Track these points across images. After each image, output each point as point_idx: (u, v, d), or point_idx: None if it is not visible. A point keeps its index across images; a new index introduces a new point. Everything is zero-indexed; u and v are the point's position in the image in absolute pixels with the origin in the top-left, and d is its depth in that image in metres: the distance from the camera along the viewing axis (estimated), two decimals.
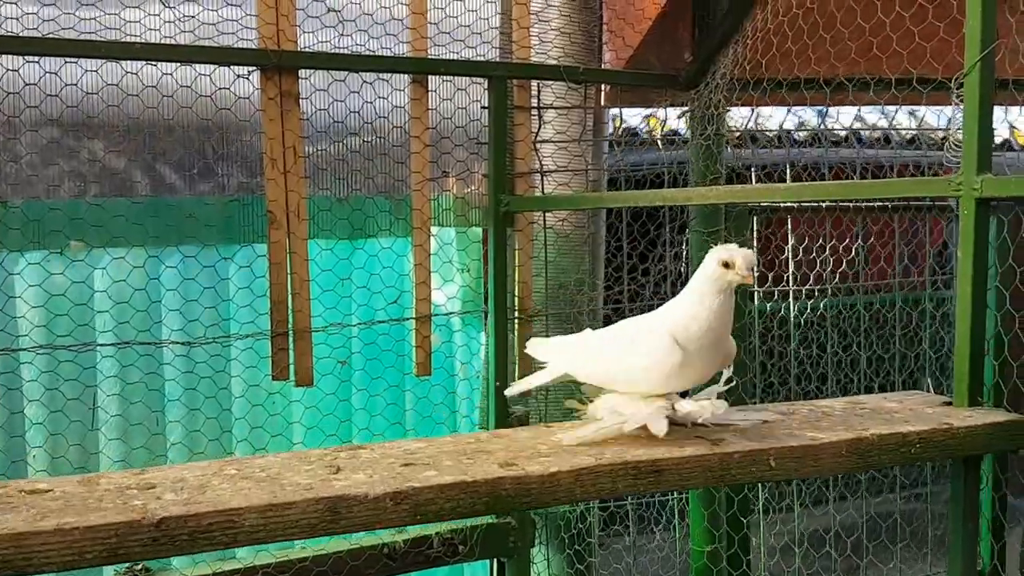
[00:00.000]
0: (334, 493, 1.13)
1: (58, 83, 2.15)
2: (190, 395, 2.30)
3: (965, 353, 1.46)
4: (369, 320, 2.46)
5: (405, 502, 1.15)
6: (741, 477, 1.26)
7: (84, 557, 1.07)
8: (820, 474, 1.33)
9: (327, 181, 2.43)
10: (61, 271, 2.20)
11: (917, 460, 1.36)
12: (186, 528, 1.08)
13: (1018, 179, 1.43)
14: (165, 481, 1.21)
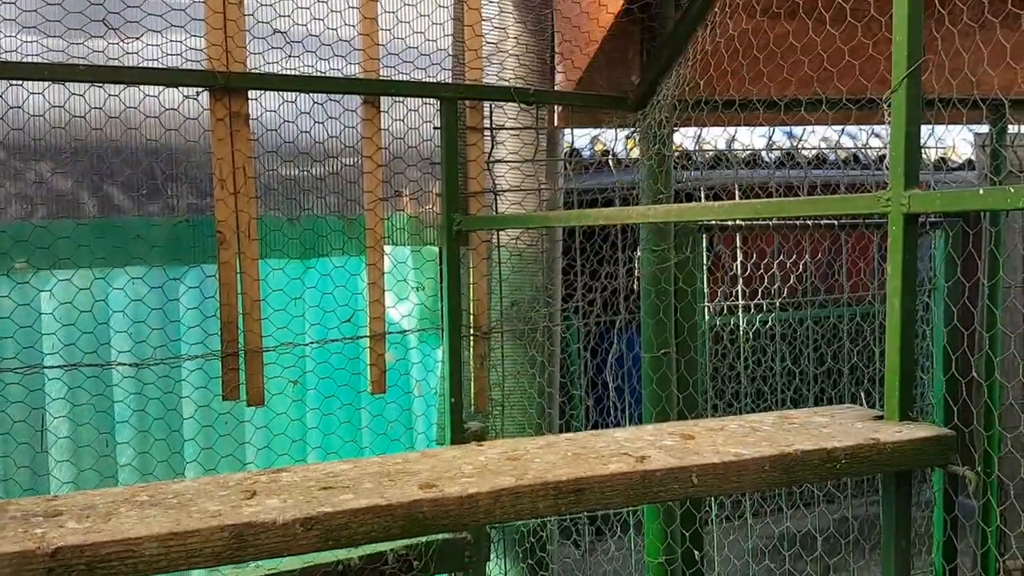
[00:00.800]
0: (241, 520, 1.06)
1: (2, 105, 2.08)
2: (140, 416, 2.23)
3: (896, 367, 1.41)
4: (322, 339, 2.39)
5: (316, 527, 1.08)
6: (663, 495, 1.20)
7: None
8: (743, 490, 1.27)
9: (278, 201, 2.37)
10: (7, 293, 2.12)
11: (843, 475, 1.31)
12: (83, 558, 1.01)
13: (944, 194, 1.38)
14: (74, 508, 1.14)
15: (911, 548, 1.41)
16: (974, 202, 1.27)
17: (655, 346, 2.51)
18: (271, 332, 2.27)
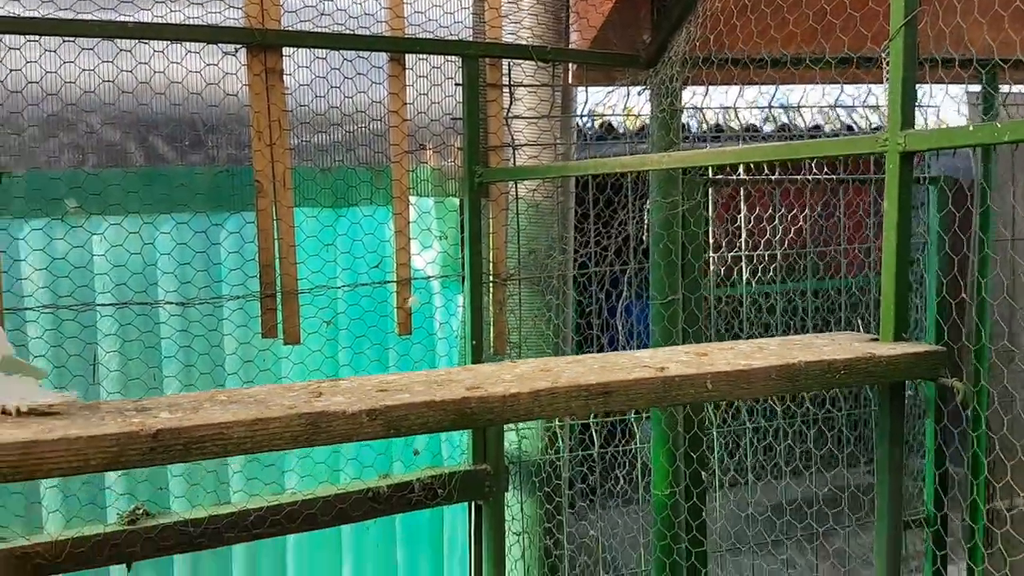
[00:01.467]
0: (315, 410, 1.20)
1: (57, 60, 2.19)
2: (186, 352, 2.36)
3: (891, 294, 1.54)
4: (353, 283, 2.52)
5: (379, 417, 1.22)
6: (681, 397, 1.34)
7: (89, 464, 1.14)
8: (752, 395, 1.41)
9: (311, 153, 2.49)
10: (62, 236, 2.25)
11: (842, 384, 1.44)
12: (181, 439, 1.15)
13: (938, 132, 1.51)
14: (162, 405, 1.28)
15: (904, 456, 1.56)
16: (964, 138, 1.40)
17: (665, 291, 2.64)
18: (305, 275, 2.40)
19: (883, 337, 1.56)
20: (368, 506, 2.44)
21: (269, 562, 2.50)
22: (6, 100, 2.19)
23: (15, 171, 2.22)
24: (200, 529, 2.27)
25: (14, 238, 2.21)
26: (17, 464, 1.12)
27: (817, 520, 3.10)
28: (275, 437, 1.18)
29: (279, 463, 2.47)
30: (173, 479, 2.37)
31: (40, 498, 2.27)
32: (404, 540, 2.65)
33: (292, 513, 2.34)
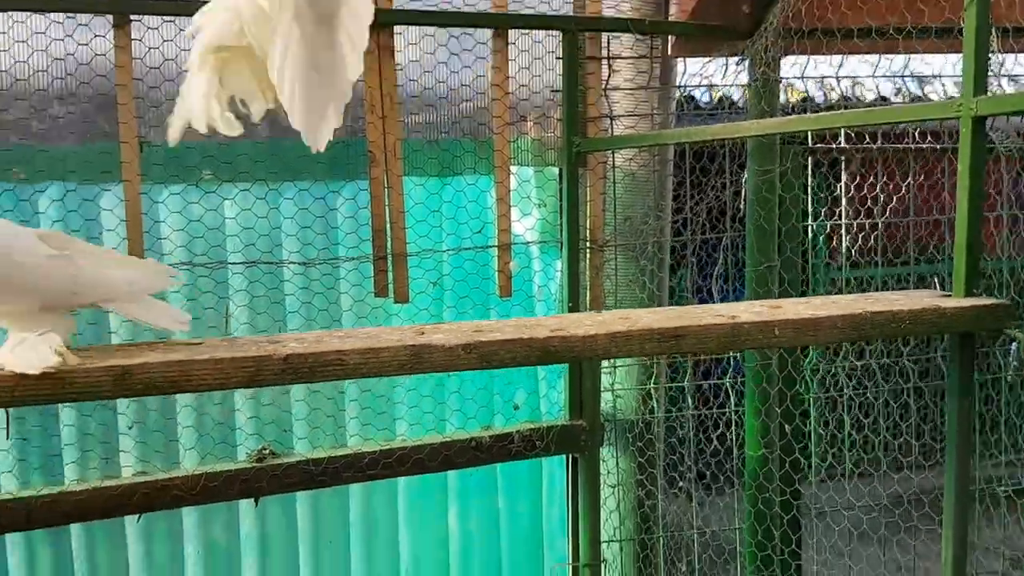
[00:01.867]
0: (419, 343, 1.41)
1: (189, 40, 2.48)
2: (307, 308, 2.64)
3: (963, 252, 1.63)
4: (457, 247, 2.74)
5: (474, 351, 1.42)
6: (749, 343, 1.49)
7: (230, 380, 1.38)
8: (818, 342, 1.54)
9: (420, 125, 2.71)
10: (197, 201, 2.55)
11: (906, 334, 1.55)
12: (307, 363, 1.38)
13: (1009, 97, 1.59)
14: (289, 340, 1.51)
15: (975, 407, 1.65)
16: None
17: (759, 260, 2.75)
18: (413, 240, 2.63)
19: (955, 293, 1.65)
20: (471, 454, 2.67)
21: (382, 501, 2.77)
22: (146, 75, 2.49)
23: (154, 141, 2.52)
24: (320, 468, 2.55)
25: (154, 201, 2.52)
26: (175, 379, 1.38)
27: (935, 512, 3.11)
28: (385, 364, 1.40)
29: (390, 411, 2.72)
30: (296, 423, 2.65)
31: (177, 437, 2.59)
32: (505, 488, 2.87)
33: (402, 457, 2.59)
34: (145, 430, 2.55)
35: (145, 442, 2.54)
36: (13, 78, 2.38)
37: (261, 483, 2.54)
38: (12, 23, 2.35)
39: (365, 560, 2.76)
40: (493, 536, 2.86)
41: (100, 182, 2.47)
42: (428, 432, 2.72)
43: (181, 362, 1.37)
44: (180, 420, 2.58)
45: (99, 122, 2.47)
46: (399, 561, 2.80)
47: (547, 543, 2.90)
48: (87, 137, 2.48)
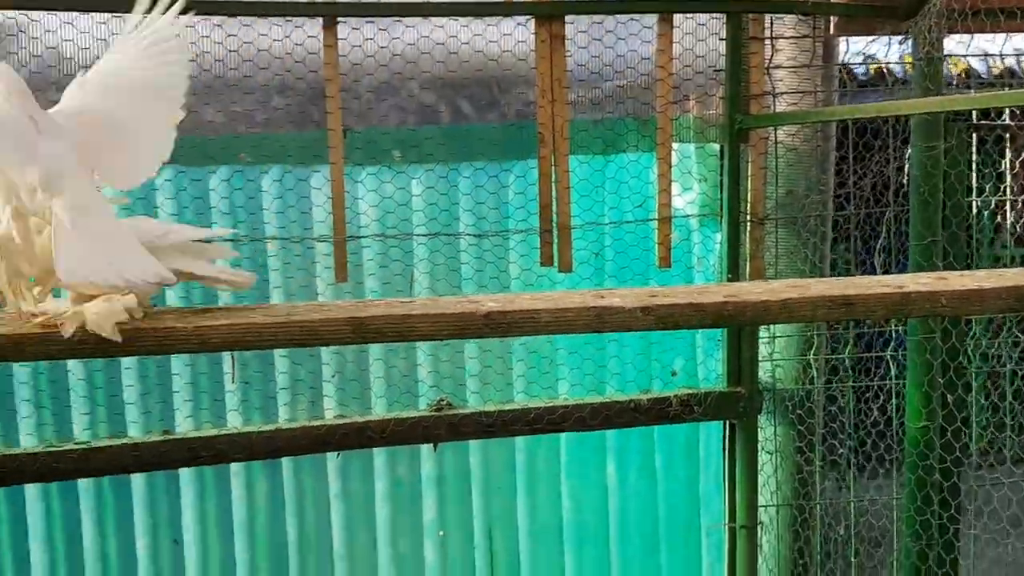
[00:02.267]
0: (599, 304, 1.49)
1: (386, 37, 2.64)
2: (479, 276, 2.78)
3: None
4: (619, 220, 2.81)
5: (651, 313, 1.48)
6: (916, 311, 1.48)
7: (441, 332, 1.51)
8: (982, 313, 1.51)
9: (586, 106, 2.78)
10: (389, 180, 2.72)
11: None
12: (505, 319, 1.48)
13: None
14: (486, 300, 1.62)
15: None
16: None
17: (923, 235, 2.66)
18: (578, 213, 2.71)
19: None
20: (630, 415, 2.74)
21: (546, 453, 2.89)
22: (350, 70, 2.67)
23: (355, 128, 2.71)
24: (491, 420, 2.69)
25: (355, 181, 2.71)
26: (400, 330, 1.51)
27: None
28: (571, 322, 1.49)
29: (553, 372, 2.83)
30: (470, 378, 2.80)
31: (370, 386, 2.79)
32: (662, 448, 2.93)
33: (565, 414, 2.70)
34: (344, 379, 2.76)
35: (343, 389, 2.76)
36: (241, 75, 2.61)
37: (440, 430, 2.72)
38: (240, 27, 2.58)
39: (530, 507, 2.90)
40: (650, 493, 2.92)
41: (312, 165, 2.68)
42: (588, 393, 2.81)
43: (404, 317, 1.51)
44: (372, 371, 2.78)
45: (311, 112, 2.68)
46: (561, 510, 2.91)
47: (703, 503, 2.94)
48: (302, 125, 2.69)
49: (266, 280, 2.73)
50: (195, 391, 2.72)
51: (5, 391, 2.61)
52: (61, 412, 2.65)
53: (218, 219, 2.69)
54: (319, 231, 2.70)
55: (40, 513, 2.68)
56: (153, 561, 2.75)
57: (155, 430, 2.69)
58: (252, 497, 2.79)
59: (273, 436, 2.67)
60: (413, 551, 2.86)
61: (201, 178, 2.68)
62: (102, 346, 1.42)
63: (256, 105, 2.69)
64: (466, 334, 1.52)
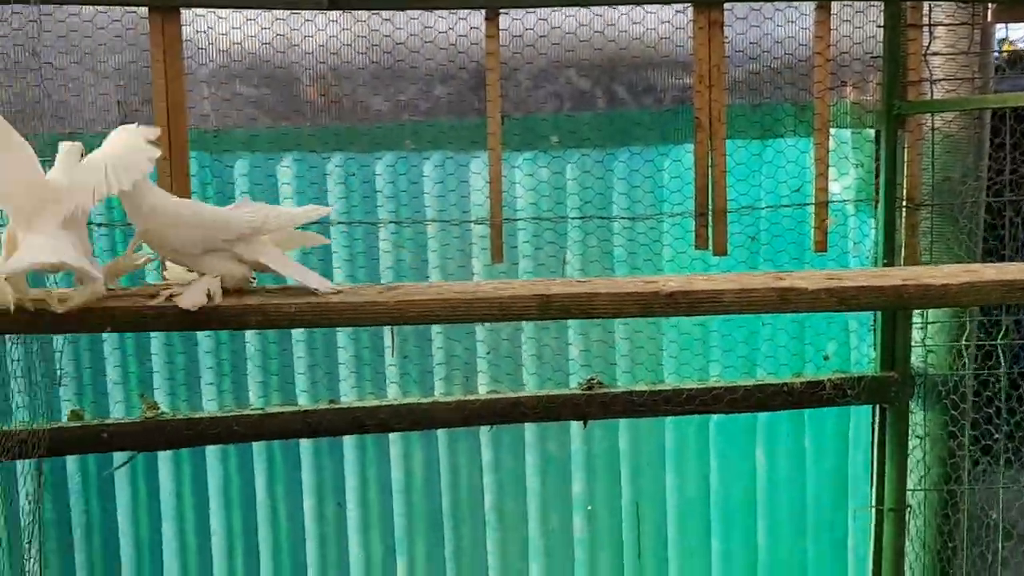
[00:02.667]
0: (782, 286, 1.69)
1: (546, 26, 2.88)
2: (632, 258, 2.99)
3: None
4: (775, 204, 2.97)
5: (833, 296, 1.67)
6: None
7: (625, 310, 1.73)
8: None
9: (743, 91, 2.95)
10: (545, 165, 2.96)
11: None
12: (687, 299, 1.70)
13: None
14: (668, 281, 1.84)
15: None
16: None
17: None
18: (734, 197, 2.89)
19: None
20: (783, 398, 2.92)
21: (695, 434, 3.09)
22: (509, 60, 2.92)
23: (513, 115, 2.96)
24: (642, 400, 2.91)
25: (512, 166, 2.97)
26: (584, 307, 1.75)
27: None
28: (754, 303, 1.69)
29: (705, 354, 3.02)
30: (620, 358, 3.03)
31: (522, 363, 3.05)
32: (811, 432, 3.09)
33: (717, 396, 2.89)
34: (498, 355, 3.03)
35: (497, 366, 3.03)
36: (408, 65, 2.90)
37: (591, 408, 2.95)
38: (408, 19, 2.86)
39: (678, 485, 3.10)
40: (798, 475, 3.09)
41: (471, 151, 2.95)
42: (741, 376, 3.00)
43: (588, 293, 1.74)
44: (524, 350, 3.04)
45: (471, 100, 2.95)
46: (708, 490, 3.11)
47: (851, 487, 3.09)
48: (462, 113, 2.96)
49: (425, 260, 3.02)
50: (358, 364, 3.04)
51: (191, 360, 2.99)
52: (239, 380, 3.01)
53: (383, 203, 2.99)
54: (476, 214, 2.97)
55: (219, 474, 3.06)
56: (319, 522, 3.09)
57: (322, 399, 3.02)
58: (409, 465, 3.10)
59: (431, 408, 2.96)
60: (562, 524, 3.11)
61: (368, 164, 2.98)
62: (319, 317, 1.76)
63: (420, 94, 2.97)
64: (649, 312, 1.74)
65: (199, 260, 1.75)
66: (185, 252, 1.74)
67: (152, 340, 2.95)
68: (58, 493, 3.01)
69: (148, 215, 1.71)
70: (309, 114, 2.98)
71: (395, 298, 1.84)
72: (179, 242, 1.72)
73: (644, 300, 1.73)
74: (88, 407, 2.94)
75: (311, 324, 1.96)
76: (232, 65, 2.91)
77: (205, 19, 2.86)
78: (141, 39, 2.82)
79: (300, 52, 2.92)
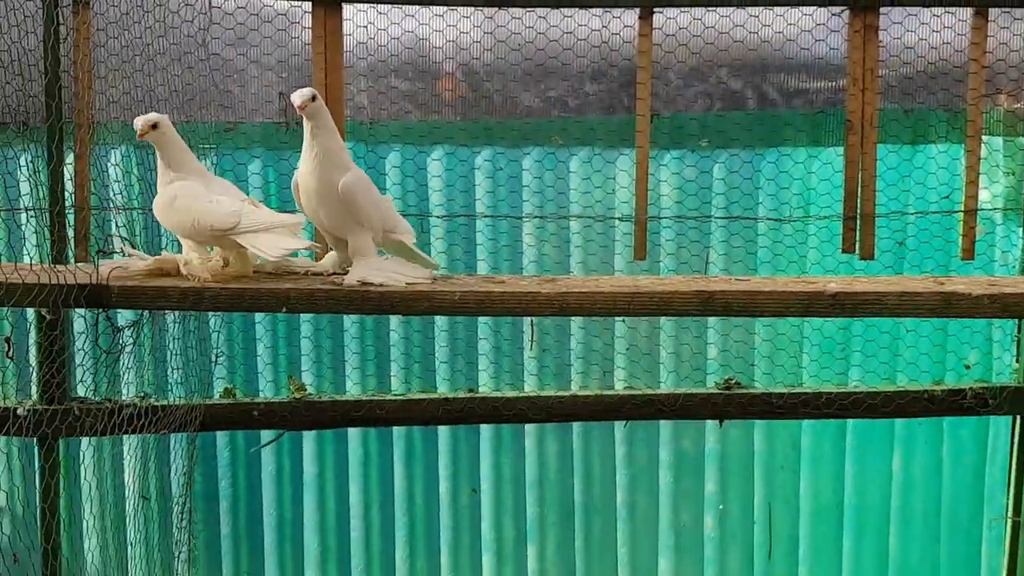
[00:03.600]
0: (945, 290, 2.07)
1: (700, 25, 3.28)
2: (777, 260, 3.39)
3: None
4: (924, 211, 3.33)
5: (998, 302, 2.04)
6: None
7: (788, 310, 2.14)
8: None
9: (896, 95, 3.32)
10: (693, 164, 3.38)
11: None
12: (851, 300, 2.09)
13: None
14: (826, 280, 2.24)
15: None
16: None
17: None
18: (883, 202, 3.26)
19: None
20: (923, 406, 3.28)
21: (831, 437, 3.48)
22: (662, 58, 3.33)
23: (662, 113, 3.38)
24: (781, 402, 3.31)
25: (659, 164, 3.39)
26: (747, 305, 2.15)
27: None
28: (917, 306, 2.08)
29: (847, 358, 3.41)
30: (761, 359, 3.43)
31: (661, 361, 3.48)
32: (950, 441, 3.45)
33: (857, 400, 3.27)
34: (636, 352, 3.46)
35: (636, 362, 3.46)
36: (560, 62, 3.34)
37: (728, 408, 3.36)
38: (562, 17, 3.31)
39: (812, 488, 3.50)
40: (934, 483, 3.45)
41: (619, 147, 3.38)
42: (881, 381, 3.37)
43: (750, 292, 2.15)
44: (664, 348, 3.46)
45: (621, 97, 3.38)
46: (842, 493, 3.50)
47: (987, 496, 3.44)
48: (611, 110, 3.40)
49: (568, 256, 3.46)
50: (498, 355, 3.50)
51: (337, 345, 3.49)
52: (383, 366, 3.50)
53: (528, 197, 3.45)
54: (621, 211, 3.40)
55: (359, 454, 3.55)
56: (453, 506, 3.57)
57: (461, 388, 3.49)
58: (543, 456, 3.56)
59: (569, 401, 3.41)
60: (693, 521, 3.54)
61: (516, 159, 3.44)
62: (482, 306, 2.22)
63: (570, 91, 3.41)
64: (811, 313, 2.14)
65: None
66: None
67: (303, 324, 3.46)
68: (207, 467, 3.55)
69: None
70: (460, 108, 3.45)
71: (556, 289, 2.27)
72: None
73: (807, 300, 2.12)
74: (240, 385, 3.46)
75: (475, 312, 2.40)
76: (389, 59, 3.39)
77: (366, 14, 3.35)
78: (305, 32, 3.33)
79: (454, 47, 3.38)
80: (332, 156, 2.30)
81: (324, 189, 2.28)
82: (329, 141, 2.30)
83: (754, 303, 2.16)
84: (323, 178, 2.28)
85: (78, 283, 2.19)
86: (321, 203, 2.30)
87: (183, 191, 2.27)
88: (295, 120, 3.28)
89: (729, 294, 2.16)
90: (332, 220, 2.32)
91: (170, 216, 2.29)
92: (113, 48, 2.96)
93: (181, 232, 2.33)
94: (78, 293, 2.21)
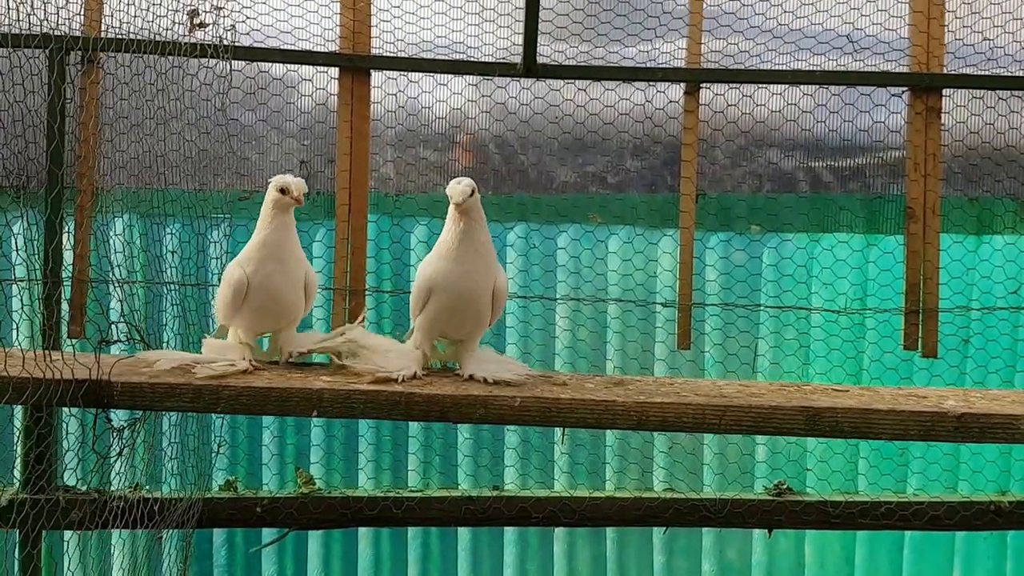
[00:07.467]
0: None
1: (750, 103, 3.08)
2: (834, 355, 3.14)
3: None
4: (991, 306, 3.10)
5: None
6: None
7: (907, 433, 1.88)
8: None
9: (960, 183, 3.11)
10: (743, 248, 3.15)
11: None
12: (978, 423, 1.84)
13: None
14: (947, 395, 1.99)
15: None
16: None
17: None
18: (947, 296, 3.03)
19: None
20: (990, 518, 3.01)
21: (887, 550, 3.20)
22: (709, 136, 3.12)
23: (708, 192, 3.16)
24: (837, 510, 3.03)
25: (705, 247, 3.15)
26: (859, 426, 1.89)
27: None
28: None
29: (908, 465, 3.14)
30: (818, 464, 3.15)
31: (704, 461, 3.20)
32: (1015, 557, 3.17)
33: (919, 511, 2.99)
34: (678, 450, 3.19)
35: (678, 462, 3.18)
36: (600, 137, 3.12)
37: (780, 516, 3.07)
38: (604, 91, 3.10)
39: None
40: None
41: (661, 227, 3.15)
42: (943, 490, 3.10)
43: (863, 409, 1.90)
44: (708, 445, 3.19)
45: (664, 175, 3.16)
46: None
47: None
48: (653, 188, 3.17)
49: (606, 342, 3.20)
50: (527, 449, 3.21)
51: (350, 434, 3.19)
52: (399, 458, 3.21)
53: (563, 276, 3.20)
54: (663, 295, 3.15)
55: (369, 556, 3.24)
56: None
57: (486, 485, 3.19)
58: (574, 563, 3.26)
59: (604, 504, 3.11)
60: None
61: (552, 236, 3.20)
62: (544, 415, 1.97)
63: (610, 166, 3.19)
64: (933, 436, 1.89)
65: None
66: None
67: None
68: (202, 567, 3.22)
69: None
70: (493, 182, 3.21)
71: (631, 397, 2.01)
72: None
73: (928, 423, 1.87)
74: (242, 477, 3.16)
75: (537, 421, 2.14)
76: (419, 129, 3.16)
77: (396, 82, 3.13)
78: (330, 99, 3.10)
79: (488, 118, 3.16)
80: (490, 254, 2.18)
81: (479, 289, 2.14)
82: (485, 237, 2.15)
83: (867, 424, 1.92)
84: (481, 279, 2.13)
85: (76, 378, 1.92)
86: (469, 303, 2.14)
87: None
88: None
89: (839, 412, 1.92)
90: (469, 322, 2.17)
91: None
92: (122, 110, 2.74)
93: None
94: (75, 390, 1.94)
